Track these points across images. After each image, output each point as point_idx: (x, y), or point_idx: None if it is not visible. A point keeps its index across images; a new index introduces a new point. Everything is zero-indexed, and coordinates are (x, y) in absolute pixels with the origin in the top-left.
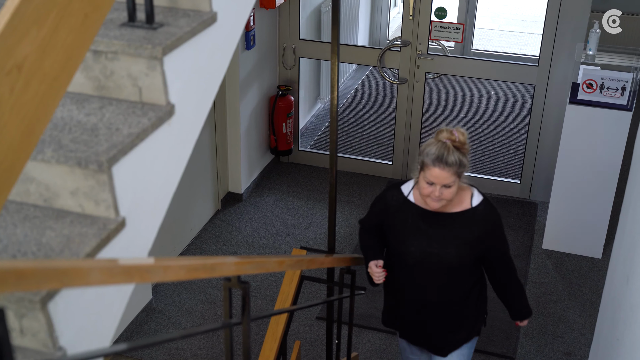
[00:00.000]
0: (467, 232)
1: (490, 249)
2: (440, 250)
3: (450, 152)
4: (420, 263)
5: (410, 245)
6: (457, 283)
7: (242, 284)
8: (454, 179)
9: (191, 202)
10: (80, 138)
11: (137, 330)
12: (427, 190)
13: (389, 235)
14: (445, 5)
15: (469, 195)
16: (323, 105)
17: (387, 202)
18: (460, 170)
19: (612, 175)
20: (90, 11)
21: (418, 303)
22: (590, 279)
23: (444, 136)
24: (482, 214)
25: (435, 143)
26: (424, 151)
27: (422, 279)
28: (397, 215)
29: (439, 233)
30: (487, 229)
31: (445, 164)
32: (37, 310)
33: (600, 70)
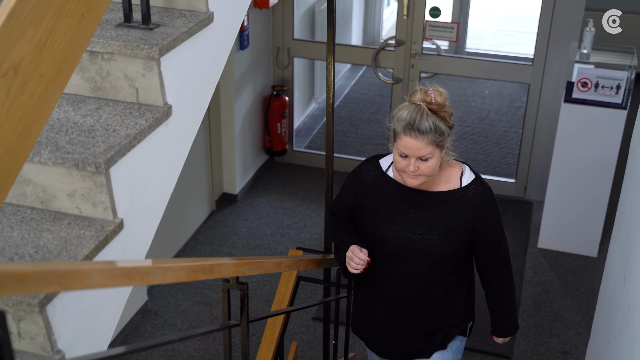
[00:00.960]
0: (454, 217)
1: (481, 240)
2: (421, 236)
3: (425, 116)
4: (397, 251)
5: (387, 229)
6: (441, 276)
7: (240, 285)
8: (431, 149)
9: (186, 203)
10: (77, 139)
11: (132, 332)
12: (402, 164)
13: (361, 217)
14: (439, 4)
15: (459, 173)
16: (317, 105)
17: (362, 177)
18: (439, 139)
19: (607, 174)
20: (86, 12)
21: (392, 298)
22: (586, 278)
23: (417, 98)
24: (472, 195)
25: (407, 106)
26: (395, 116)
27: (399, 269)
28: (372, 193)
29: (420, 216)
30: (478, 214)
31: (417, 132)
32: (36, 313)
33: (595, 68)
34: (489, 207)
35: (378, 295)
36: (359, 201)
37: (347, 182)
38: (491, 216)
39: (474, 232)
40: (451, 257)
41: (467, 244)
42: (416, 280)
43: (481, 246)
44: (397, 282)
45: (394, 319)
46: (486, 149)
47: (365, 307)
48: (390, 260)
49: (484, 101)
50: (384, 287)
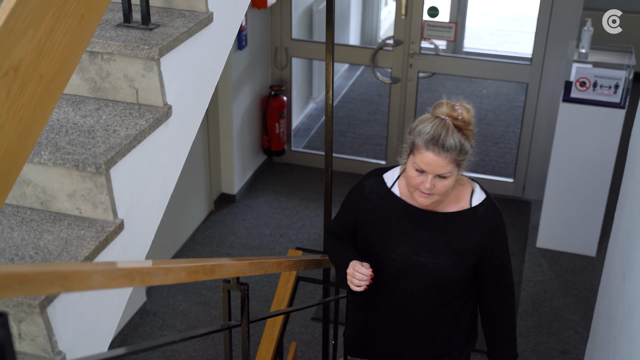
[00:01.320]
0: (463, 239)
1: (487, 263)
2: (428, 259)
3: (450, 132)
4: (402, 274)
5: (392, 251)
6: (448, 300)
7: (241, 286)
8: (451, 168)
9: (184, 204)
10: (77, 140)
11: (131, 333)
12: (416, 180)
13: (363, 237)
14: (437, 4)
15: (469, 192)
16: (315, 105)
17: (365, 194)
18: (460, 158)
19: (605, 173)
20: (86, 12)
21: (397, 324)
22: (585, 277)
23: (443, 111)
24: (483, 217)
25: (431, 119)
26: (415, 129)
27: (404, 293)
28: (376, 212)
29: (428, 238)
30: (488, 237)
31: (441, 148)
32: (36, 314)
33: (593, 68)
34: (498, 228)
35: (381, 319)
36: (361, 220)
37: (347, 200)
38: (500, 237)
39: (482, 254)
40: (459, 281)
41: (475, 266)
42: (422, 305)
43: (487, 269)
44: (402, 306)
45: (398, 343)
46: (484, 149)
47: (367, 329)
48: (395, 283)
49: (482, 101)
50: (388, 311)
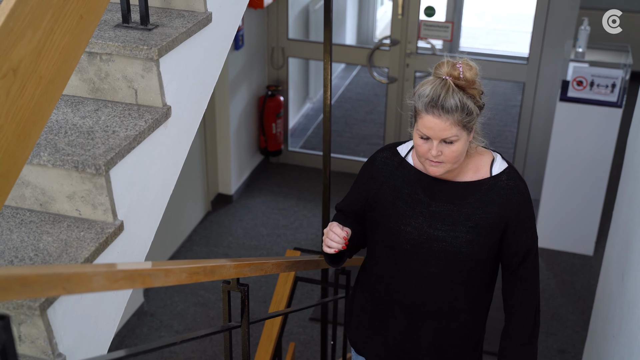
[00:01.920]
0: (484, 212)
1: (511, 241)
2: (445, 233)
3: (451, 92)
4: (417, 250)
5: (406, 224)
6: (468, 282)
7: (241, 287)
8: (456, 131)
9: (181, 204)
10: (77, 141)
11: (128, 334)
12: (423, 148)
13: (374, 211)
14: (433, 3)
15: (489, 161)
16: (312, 105)
17: (377, 166)
18: (466, 120)
19: (602, 173)
20: (85, 12)
21: (411, 309)
22: (582, 276)
23: (444, 71)
24: (505, 187)
25: (431, 81)
26: (416, 92)
27: (419, 273)
28: (388, 182)
29: (445, 210)
30: (511, 209)
31: (441, 109)
32: (36, 316)
33: (590, 67)
34: (523, 201)
35: (392, 306)
36: (372, 194)
37: (359, 175)
38: (525, 213)
39: (504, 231)
40: (480, 259)
41: (497, 244)
42: (440, 287)
43: (510, 249)
44: (417, 290)
45: (412, 334)
46: None
47: (373, 320)
48: (409, 261)
49: None
50: (400, 295)
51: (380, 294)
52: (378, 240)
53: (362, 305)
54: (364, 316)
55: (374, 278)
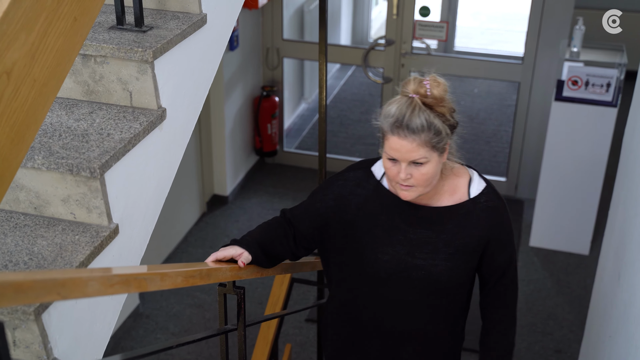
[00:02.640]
0: (463, 236)
1: (489, 261)
2: (425, 261)
3: (417, 111)
4: (396, 278)
5: (384, 253)
6: (446, 307)
7: (237, 290)
8: (425, 152)
9: (177, 205)
10: (71, 144)
11: (124, 336)
12: (392, 171)
13: (346, 240)
14: (428, 3)
15: (466, 181)
16: (307, 105)
17: (348, 188)
18: (435, 140)
19: (598, 172)
20: (79, 15)
21: (390, 336)
22: (578, 276)
23: (410, 89)
24: (485, 208)
25: (398, 100)
26: (382, 112)
27: (397, 301)
28: (363, 209)
29: (423, 237)
30: (491, 232)
31: (407, 130)
32: (31, 321)
33: (585, 67)
34: (502, 221)
35: (368, 331)
36: (344, 217)
37: (324, 191)
38: (504, 232)
39: (484, 251)
40: (459, 287)
41: (476, 266)
42: (417, 314)
43: (489, 268)
44: (394, 317)
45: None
46: (476, 148)
47: (350, 345)
48: (385, 290)
49: (474, 100)
50: (377, 322)
51: (355, 320)
52: (351, 267)
53: (337, 331)
54: (339, 341)
55: (347, 305)
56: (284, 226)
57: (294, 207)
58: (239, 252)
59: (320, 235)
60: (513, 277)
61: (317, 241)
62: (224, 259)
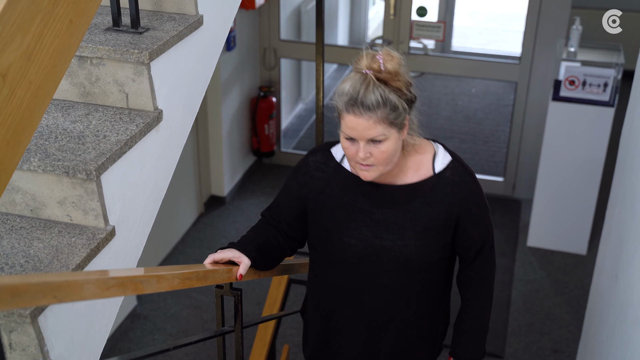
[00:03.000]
0: (431, 213)
1: (463, 238)
2: (393, 242)
3: (371, 87)
4: (365, 262)
5: (349, 237)
6: (423, 289)
7: (234, 292)
8: (382, 129)
9: (174, 206)
10: (67, 146)
11: (121, 337)
12: (350, 150)
13: (315, 225)
14: (425, 3)
15: (431, 156)
16: (304, 105)
17: (310, 173)
18: (392, 116)
19: (595, 172)
20: (75, 16)
21: (364, 322)
22: (576, 276)
23: (363, 64)
24: (451, 182)
25: (351, 77)
26: (336, 91)
27: (369, 286)
28: (325, 192)
29: (389, 216)
30: (460, 207)
31: (362, 107)
32: (27, 324)
33: (582, 66)
34: (472, 195)
35: (345, 320)
36: (310, 205)
37: (290, 181)
38: (476, 207)
39: (456, 229)
40: (434, 265)
41: (450, 243)
42: (394, 298)
43: (463, 245)
44: (370, 303)
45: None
46: (474, 148)
47: (327, 337)
48: (358, 276)
49: (471, 100)
50: (353, 309)
51: (331, 309)
52: (322, 254)
53: (314, 323)
54: (316, 334)
55: (322, 294)
56: (272, 224)
57: (269, 207)
58: (237, 255)
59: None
60: (489, 255)
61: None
62: (221, 261)
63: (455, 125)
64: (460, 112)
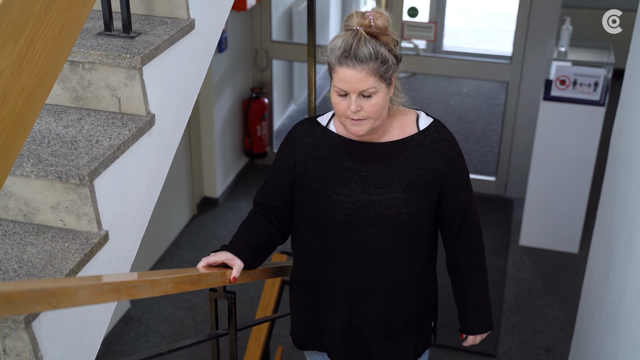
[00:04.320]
0: (417, 167)
1: (449, 198)
2: (381, 196)
3: (363, 41)
4: (354, 219)
5: (338, 193)
6: (410, 248)
7: (228, 295)
8: (373, 82)
9: (167, 208)
10: (60, 151)
11: (115, 340)
12: (342, 106)
13: (303, 189)
14: (416, 4)
15: (414, 117)
16: (297, 106)
17: (297, 139)
18: (382, 69)
19: (586, 171)
20: (66, 22)
21: (352, 288)
22: (568, 274)
23: (354, 22)
24: (435, 140)
25: (343, 34)
26: (328, 47)
27: (357, 245)
28: (312, 155)
29: (376, 172)
30: (444, 163)
31: (355, 59)
32: (21, 329)
33: (573, 66)
34: (455, 155)
35: (333, 288)
36: (298, 169)
37: (279, 154)
38: (458, 167)
39: (441, 188)
40: (420, 220)
41: (435, 204)
42: (381, 258)
43: (449, 209)
44: (358, 264)
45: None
46: (466, 147)
47: (315, 312)
48: (346, 234)
49: (463, 99)
50: (340, 274)
51: (319, 278)
52: (310, 218)
53: (301, 301)
54: (305, 311)
55: (310, 262)
56: (262, 214)
57: (260, 188)
58: (230, 258)
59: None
60: (476, 222)
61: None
62: (215, 264)
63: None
64: (452, 112)
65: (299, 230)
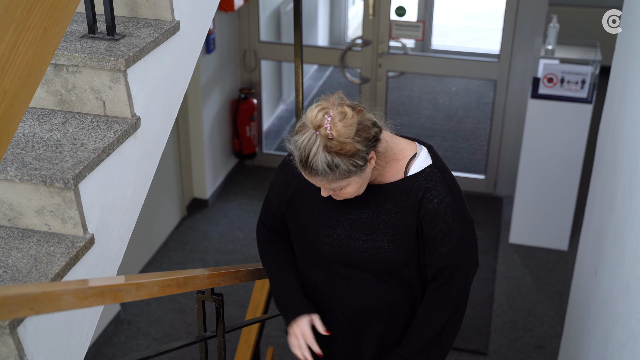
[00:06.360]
0: (404, 217)
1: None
2: (366, 243)
3: (319, 154)
4: (340, 261)
5: (325, 235)
6: (402, 284)
7: (215, 297)
8: (339, 183)
9: (156, 210)
10: (44, 155)
11: (105, 343)
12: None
13: (293, 221)
14: (404, 3)
15: (406, 162)
16: (285, 106)
17: (290, 170)
18: (345, 174)
19: (575, 168)
20: (49, 25)
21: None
22: (558, 271)
23: (312, 122)
24: (421, 188)
25: (305, 131)
26: (292, 139)
27: (349, 281)
28: (302, 189)
29: (364, 217)
30: (425, 216)
31: (312, 171)
32: (6, 335)
33: (560, 64)
34: (441, 208)
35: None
36: (287, 201)
37: (273, 180)
38: (443, 226)
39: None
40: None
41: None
42: (374, 293)
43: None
44: (352, 297)
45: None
46: (455, 146)
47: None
48: (336, 272)
49: (452, 98)
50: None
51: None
52: (300, 250)
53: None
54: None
55: (306, 286)
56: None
57: (262, 210)
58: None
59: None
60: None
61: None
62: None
63: (437, 123)
64: (441, 111)
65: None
